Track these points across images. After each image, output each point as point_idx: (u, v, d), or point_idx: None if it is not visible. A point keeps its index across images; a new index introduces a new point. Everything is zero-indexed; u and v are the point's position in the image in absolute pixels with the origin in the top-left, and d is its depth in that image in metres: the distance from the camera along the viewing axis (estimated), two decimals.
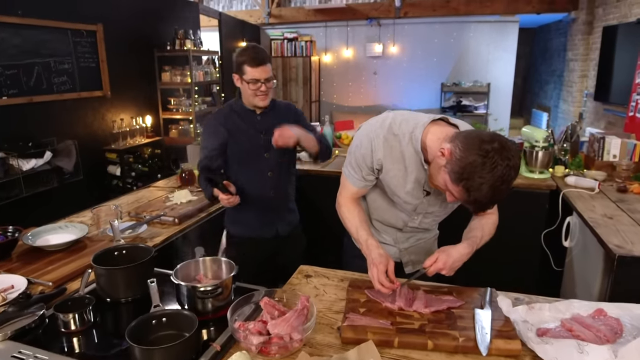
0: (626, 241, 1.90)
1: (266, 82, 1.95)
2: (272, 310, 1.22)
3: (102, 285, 1.45)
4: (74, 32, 3.99)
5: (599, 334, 1.19)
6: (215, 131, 2.05)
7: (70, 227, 1.96)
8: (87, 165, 4.07)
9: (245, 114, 2.06)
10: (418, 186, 1.47)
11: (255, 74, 1.92)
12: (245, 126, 2.05)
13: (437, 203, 1.53)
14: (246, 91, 1.98)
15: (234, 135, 2.04)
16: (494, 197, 1.17)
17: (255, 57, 1.92)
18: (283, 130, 1.93)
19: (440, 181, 1.28)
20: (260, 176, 2.09)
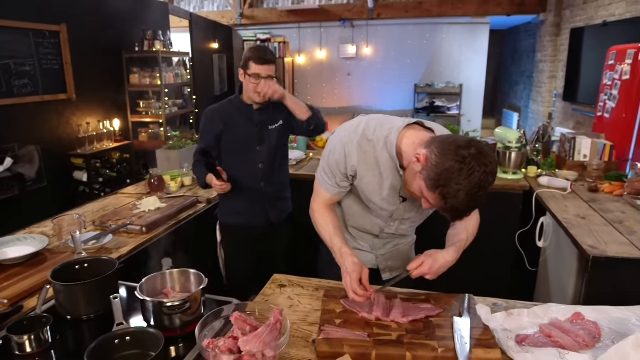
0: (599, 242, 1.91)
1: (267, 80, 2.10)
2: (244, 325, 1.15)
3: (62, 302, 1.36)
4: (35, 33, 3.81)
5: (578, 339, 1.18)
6: (212, 121, 2.21)
7: (30, 238, 1.85)
8: (52, 171, 3.90)
9: (242, 107, 2.21)
10: (394, 192, 1.44)
11: (257, 70, 2.08)
12: (241, 119, 2.20)
13: (414, 209, 1.50)
14: (247, 85, 2.13)
15: (230, 127, 2.20)
16: (471, 203, 1.14)
17: (262, 55, 2.08)
18: (269, 82, 2.10)
19: (416, 188, 1.25)
20: (252, 167, 2.22)
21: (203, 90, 6.46)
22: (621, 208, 2.33)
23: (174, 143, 3.71)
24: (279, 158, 2.30)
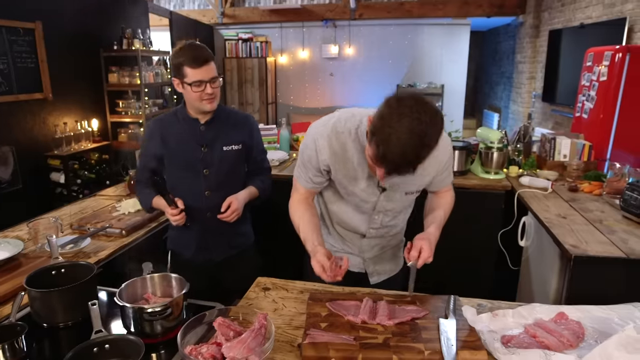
0: (581, 241, 1.93)
1: (211, 83, 1.73)
2: (227, 331, 1.13)
3: (37, 309, 1.31)
4: (9, 30, 3.70)
5: (562, 339, 1.19)
6: (151, 138, 1.87)
7: (4, 243, 1.78)
8: (27, 173, 3.79)
9: (187, 123, 1.84)
10: (372, 183, 1.45)
11: (197, 75, 1.70)
12: (185, 137, 1.83)
13: (395, 198, 1.50)
14: (190, 95, 1.74)
15: (171, 146, 1.84)
16: (404, 152, 1.09)
17: (196, 56, 1.70)
18: (232, 208, 1.81)
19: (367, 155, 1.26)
20: (197, 195, 1.85)
21: None
22: (600, 207, 2.37)
23: None
24: (232, 185, 1.90)
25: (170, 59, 1.80)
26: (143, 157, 1.92)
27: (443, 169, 1.52)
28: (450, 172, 1.58)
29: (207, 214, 1.87)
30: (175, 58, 1.73)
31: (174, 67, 1.75)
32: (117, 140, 5.02)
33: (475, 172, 3.04)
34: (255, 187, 1.95)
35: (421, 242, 1.36)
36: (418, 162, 1.13)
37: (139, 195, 1.96)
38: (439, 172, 1.52)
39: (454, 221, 2.63)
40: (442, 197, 1.60)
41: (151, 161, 1.87)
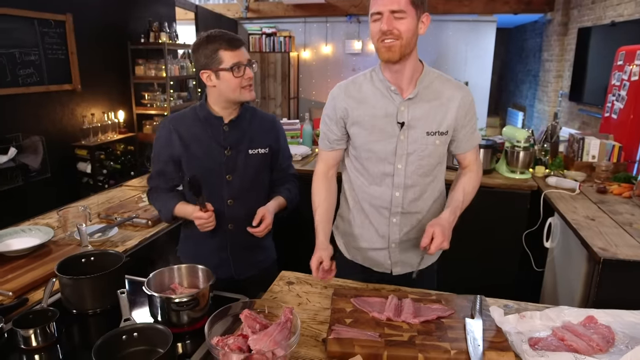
0: (610, 244, 1.89)
1: (250, 66, 1.59)
2: (253, 323, 1.14)
3: (68, 296, 1.34)
4: (41, 22, 3.79)
5: (592, 343, 1.16)
6: (167, 139, 1.66)
7: (35, 230, 1.83)
8: (56, 162, 3.89)
9: (210, 121, 1.66)
10: (391, 120, 1.47)
11: (236, 57, 1.55)
12: (206, 137, 1.65)
13: (417, 138, 1.48)
14: (227, 85, 1.57)
15: (190, 148, 1.65)
16: None
17: (232, 38, 1.57)
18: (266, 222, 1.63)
19: (372, 31, 1.40)
20: (218, 204, 1.65)
21: None
22: (630, 210, 2.30)
23: None
24: (257, 194, 1.73)
25: (197, 50, 1.59)
26: (158, 161, 1.71)
27: (465, 115, 1.50)
28: (474, 131, 1.56)
29: (228, 225, 1.70)
30: (207, 45, 1.56)
31: (205, 56, 1.57)
32: (142, 132, 5.11)
33: (500, 172, 2.99)
34: (283, 197, 1.77)
35: (433, 228, 1.37)
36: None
37: (156, 204, 1.75)
38: (459, 119, 1.50)
39: (478, 220, 2.61)
40: (465, 177, 1.59)
41: (168, 165, 1.69)
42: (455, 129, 1.51)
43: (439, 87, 1.49)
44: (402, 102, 1.46)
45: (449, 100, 1.48)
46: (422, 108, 1.47)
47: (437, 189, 1.60)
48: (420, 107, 1.47)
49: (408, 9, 1.34)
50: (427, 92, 1.48)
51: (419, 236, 1.60)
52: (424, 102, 1.47)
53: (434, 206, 1.61)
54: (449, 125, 1.49)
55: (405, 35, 1.36)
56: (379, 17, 1.35)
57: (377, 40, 1.38)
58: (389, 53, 1.38)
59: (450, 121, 1.49)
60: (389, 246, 1.59)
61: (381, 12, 1.34)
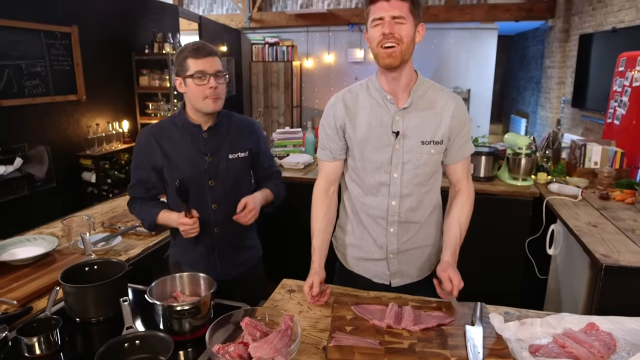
0: (612, 250, 1.89)
1: (216, 77, 1.58)
2: (254, 331, 1.15)
3: (71, 304, 1.36)
4: (47, 34, 3.84)
5: (593, 350, 1.16)
6: (147, 148, 1.66)
7: (39, 239, 1.85)
8: (61, 172, 3.92)
9: (188, 129, 1.66)
10: (387, 130, 1.49)
11: (199, 65, 1.56)
12: (186, 145, 1.66)
13: (412, 147, 1.49)
14: (192, 93, 1.59)
15: (170, 156, 1.65)
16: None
17: (199, 47, 1.59)
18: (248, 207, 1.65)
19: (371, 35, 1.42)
20: (202, 209, 1.65)
21: None
22: (633, 216, 2.30)
23: None
24: (240, 196, 1.70)
25: (175, 58, 1.64)
26: (137, 170, 1.71)
27: (458, 126, 1.52)
28: (468, 141, 1.57)
29: (214, 229, 1.71)
30: (178, 55, 1.61)
31: (177, 64, 1.61)
32: None
33: (502, 178, 3.00)
34: (269, 189, 1.81)
35: (447, 273, 1.38)
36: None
37: (138, 214, 1.72)
38: (453, 128, 1.51)
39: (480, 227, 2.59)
40: (457, 204, 1.58)
41: (149, 174, 1.69)
42: (449, 137, 1.52)
43: (433, 97, 1.51)
44: (397, 112, 1.48)
45: (442, 110, 1.50)
46: (416, 117, 1.49)
47: (434, 199, 1.61)
48: (414, 116, 1.49)
49: (407, 16, 1.37)
50: (422, 102, 1.50)
51: (416, 247, 1.62)
52: (419, 111, 1.49)
53: (431, 217, 1.62)
54: (443, 134, 1.50)
55: (406, 40, 1.38)
56: (380, 22, 1.38)
57: (377, 45, 1.40)
58: (390, 59, 1.40)
59: (444, 130, 1.50)
60: (387, 257, 1.60)
61: (382, 17, 1.37)
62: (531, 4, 6.95)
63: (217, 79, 1.59)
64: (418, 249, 1.62)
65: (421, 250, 1.63)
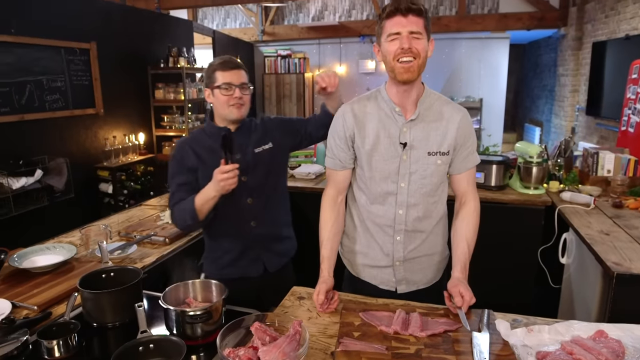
0: (624, 258, 1.88)
1: (241, 89, 1.74)
2: (263, 335, 1.18)
3: (89, 309, 1.40)
4: (67, 50, 3.98)
5: (601, 357, 1.16)
6: (183, 156, 1.79)
7: (59, 247, 1.91)
8: (79, 183, 4.03)
9: (217, 134, 1.76)
10: (394, 141, 1.52)
11: (227, 77, 1.72)
12: (216, 147, 1.73)
13: (418, 158, 1.52)
14: (219, 102, 1.74)
15: (205, 160, 1.77)
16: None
17: (227, 60, 1.75)
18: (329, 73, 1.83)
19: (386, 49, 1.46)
20: (238, 204, 1.78)
21: None
22: None
23: None
24: (272, 188, 1.86)
25: (204, 72, 1.82)
26: (175, 177, 1.79)
27: (464, 137, 1.55)
28: (473, 152, 1.59)
29: (251, 222, 1.82)
30: (207, 68, 1.79)
31: (207, 76, 1.78)
32: (161, 153, 5.26)
33: (513, 187, 2.99)
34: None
35: (458, 289, 1.40)
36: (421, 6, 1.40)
37: (178, 214, 1.75)
38: (458, 140, 1.54)
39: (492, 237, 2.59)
40: (463, 219, 1.59)
41: (187, 176, 1.78)
42: (455, 148, 1.55)
43: (439, 109, 1.54)
44: (405, 124, 1.51)
45: (448, 122, 1.53)
46: (423, 129, 1.52)
47: (440, 210, 1.64)
48: (421, 128, 1.52)
49: (423, 32, 1.42)
50: (428, 114, 1.53)
51: (422, 255, 1.65)
52: (425, 123, 1.52)
53: (438, 226, 1.65)
54: (449, 145, 1.53)
55: (422, 55, 1.43)
56: (397, 37, 1.41)
57: (393, 59, 1.43)
58: (408, 73, 1.44)
59: (450, 141, 1.53)
60: (393, 264, 1.62)
61: (400, 32, 1.41)
62: (543, 12, 6.96)
63: (242, 90, 1.75)
64: (424, 257, 1.65)
65: (427, 258, 1.66)
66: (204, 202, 1.67)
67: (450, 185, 1.65)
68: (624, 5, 5.28)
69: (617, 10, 5.44)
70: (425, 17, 1.43)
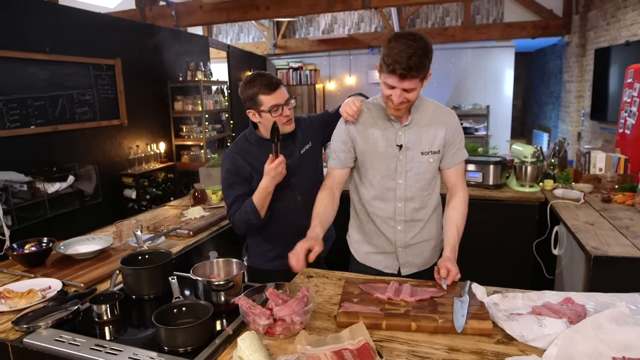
0: (603, 243, 2.06)
1: (287, 105, 1.83)
2: (277, 299, 1.40)
3: (129, 284, 1.65)
4: (94, 66, 4.32)
5: (564, 316, 1.35)
6: (238, 167, 1.89)
7: (97, 238, 2.17)
8: (105, 189, 4.33)
9: (262, 143, 1.91)
10: (391, 143, 1.73)
11: (273, 100, 1.79)
12: (264, 155, 1.82)
13: (413, 157, 1.73)
14: (268, 122, 1.81)
15: (257, 168, 1.86)
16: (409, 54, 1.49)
17: (268, 82, 1.80)
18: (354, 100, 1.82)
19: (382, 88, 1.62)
20: (290, 204, 1.92)
21: (239, 116, 6.90)
22: (630, 216, 2.46)
23: (215, 161, 4.08)
24: (317, 183, 1.93)
25: (243, 92, 1.85)
26: (232, 189, 1.90)
27: (452, 136, 1.76)
28: (461, 149, 1.80)
29: (303, 219, 1.84)
30: (247, 90, 1.82)
31: (247, 98, 1.82)
32: (180, 161, 5.56)
33: (510, 186, 3.19)
34: None
35: (445, 264, 1.59)
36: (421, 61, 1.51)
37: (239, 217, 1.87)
38: (447, 139, 1.75)
39: (490, 231, 2.77)
40: (453, 208, 1.78)
41: (244, 186, 1.89)
42: (444, 146, 1.77)
43: (431, 113, 1.77)
44: (400, 128, 1.74)
45: (438, 124, 1.75)
46: (416, 132, 1.74)
47: (434, 200, 1.86)
48: (415, 131, 1.74)
49: (417, 85, 1.59)
50: (421, 118, 1.75)
51: (421, 241, 1.87)
52: (418, 127, 1.74)
53: (433, 215, 1.86)
54: (439, 145, 1.76)
55: (413, 99, 1.64)
56: (392, 90, 1.59)
57: (386, 98, 1.64)
58: (397, 112, 1.67)
59: (440, 141, 1.75)
60: (396, 250, 1.85)
61: (395, 87, 1.56)
62: (546, 21, 7.14)
63: (288, 106, 1.85)
64: (422, 243, 1.87)
65: (425, 243, 1.88)
66: (262, 199, 1.83)
67: (442, 179, 1.87)
68: (624, 12, 5.45)
69: (618, 17, 5.61)
70: (422, 75, 1.55)
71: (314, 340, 1.25)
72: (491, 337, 1.30)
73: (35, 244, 2.00)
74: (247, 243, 2.14)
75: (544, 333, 1.23)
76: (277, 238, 1.99)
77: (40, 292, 1.63)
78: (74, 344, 1.33)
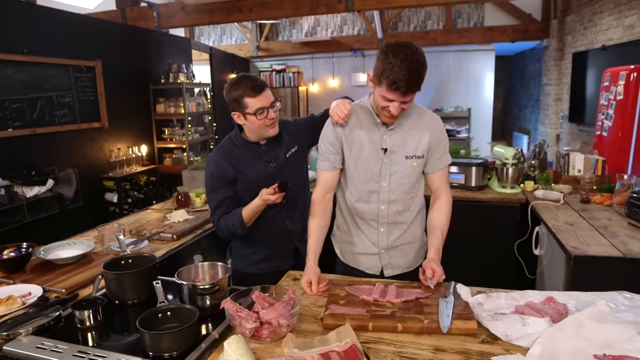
0: (583, 243, 2.11)
1: (272, 108, 1.83)
2: (263, 302, 1.40)
3: (112, 289, 1.62)
4: (74, 68, 4.24)
5: (546, 315, 1.38)
6: (222, 170, 1.88)
7: (78, 243, 2.13)
8: (86, 192, 4.26)
9: (247, 146, 1.92)
10: (377, 146, 1.75)
11: (258, 102, 1.78)
12: (249, 159, 1.89)
13: (398, 161, 1.75)
14: (254, 124, 1.82)
15: (241, 171, 1.89)
16: (410, 69, 1.50)
17: (254, 85, 1.79)
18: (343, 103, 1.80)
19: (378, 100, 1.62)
20: (273, 207, 1.90)
21: (222, 118, 6.86)
22: (608, 216, 2.52)
23: (198, 164, 4.05)
24: (302, 187, 2.03)
25: (226, 94, 1.84)
26: (215, 192, 1.90)
27: (437, 141, 1.78)
28: (445, 154, 1.82)
29: (285, 221, 1.99)
30: (233, 92, 1.80)
31: (232, 100, 1.81)
32: (162, 164, 5.50)
33: (492, 187, 3.23)
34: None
35: (430, 265, 1.62)
36: (421, 75, 1.54)
37: (226, 225, 1.88)
38: (432, 144, 1.77)
39: (472, 232, 2.79)
40: (437, 210, 1.80)
41: (227, 190, 1.89)
42: (429, 150, 1.79)
43: (416, 118, 1.78)
44: (385, 132, 1.75)
45: (423, 129, 1.77)
46: (401, 136, 1.75)
47: (418, 204, 1.87)
48: (399, 135, 1.75)
49: (414, 95, 1.62)
50: (406, 123, 1.76)
51: (404, 243, 1.89)
52: (403, 131, 1.76)
53: (417, 218, 1.88)
54: (424, 149, 1.78)
55: (408, 107, 1.66)
56: (389, 103, 1.60)
57: (381, 108, 1.65)
58: (391, 119, 1.69)
59: (424, 146, 1.77)
60: (379, 252, 1.86)
61: (393, 100, 1.58)
62: (526, 25, 7.29)
63: (273, 109, 1.84)
64: (406, 245, 1.89)
65: (409, 245, 1.89)
66: (252, 215, 1.86)
67: (426, 183, 1.89)
68: (600, 17, 5.60)
69: (594, 22, 5.76)
70: (420, 88, 1.56)
71: (301, 343, 1.25)
72: (476, 336, 1.32)
73: (14, 249, 1.95)
74: (232, 246, 2.13)
75: (527, 332, 1.26)
76: (262, 241, 2.00)
77: (20, 298, 1.59)
78: (56, 351, 1.30)
